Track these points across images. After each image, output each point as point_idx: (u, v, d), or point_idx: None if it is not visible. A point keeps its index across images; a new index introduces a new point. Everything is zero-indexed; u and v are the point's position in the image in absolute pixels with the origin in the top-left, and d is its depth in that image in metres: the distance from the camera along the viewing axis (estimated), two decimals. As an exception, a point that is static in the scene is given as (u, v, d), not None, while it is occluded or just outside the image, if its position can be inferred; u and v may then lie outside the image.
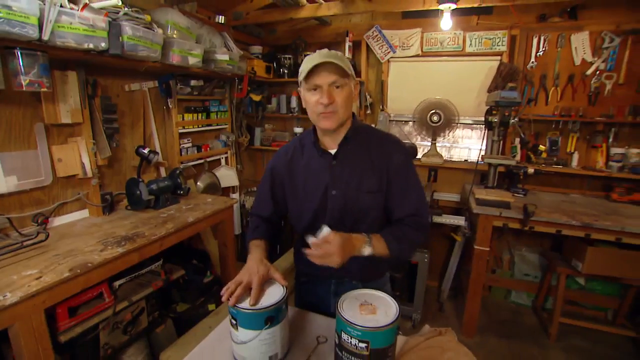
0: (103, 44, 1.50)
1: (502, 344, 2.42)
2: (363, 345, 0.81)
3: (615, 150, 2.50)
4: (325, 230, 0.98)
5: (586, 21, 2.49)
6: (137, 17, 1.66)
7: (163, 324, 1.95)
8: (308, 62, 1.01)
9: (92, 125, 1.82)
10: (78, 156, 1.79)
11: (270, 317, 0.88)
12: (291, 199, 1.20)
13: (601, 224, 2.03)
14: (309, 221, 1.16)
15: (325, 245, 0.94)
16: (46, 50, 1.39)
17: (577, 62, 2.56)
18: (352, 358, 0.83)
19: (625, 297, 2.51)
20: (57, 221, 1.76)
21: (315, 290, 1.26)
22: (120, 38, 1.57)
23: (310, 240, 0.96)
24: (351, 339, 0.82)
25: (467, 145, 3.08)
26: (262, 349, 0.89)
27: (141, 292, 1.73)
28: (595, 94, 2.54)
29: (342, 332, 0.84)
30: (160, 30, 1.86)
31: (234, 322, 0.90)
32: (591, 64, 2.52)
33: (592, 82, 2.54)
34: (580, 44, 2.52)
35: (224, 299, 0.90)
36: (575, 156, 2.65)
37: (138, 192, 1.94)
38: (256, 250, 1.07)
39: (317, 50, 1.05)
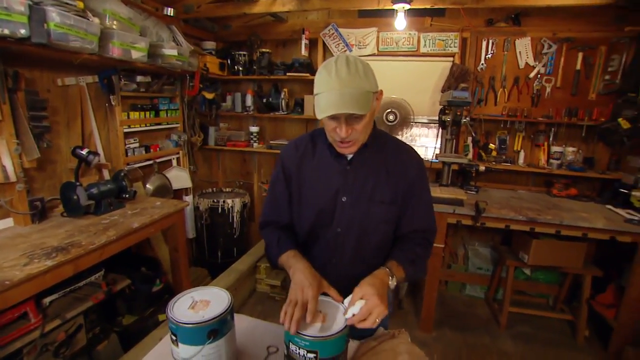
0: (22, 31, 1.33)
1: (457, 337, 2.50)
2: (311, 355, 0.77)
3: (555, 149, 2.69)
4: (354, 304, 0.85)
5: (528, 28, 2.64)
6: (67, 3, 1.50)
7: (106, 339, 1.79)
8: (325, 96, 0.88)
9: (15, 124, 1.61)
10: (-2, 158, 1.58)
11: (214, 330, 0.82)
12: (295, 198, 1.10)
13: (543, 218, 2.15)
14: (311, 226, 1.07)
15: (366, 307, 0.83)
16: (-52, 36, 1.21)
17: (522, 65, 2.71)
18: (301, 369, 0.79)
19: (563, 284, 2.71)
20: (-27, 233, 1.55)
21: None
22: (46, 25, 1.40)
23: (350, 314, 0.83)
24: (299, 349, 0.78)
25: (423, 143, 3.15)
26: (205, 366, 0.83)
27: (78, 308, 1.58)
28: (537, 96, 2.71)
29: (290, 343, 0.80)
30: (96, 20, 1.70)
31: (173, 337, 0.83)
32: (533, 67, 2.68)
33: (534, 84, 2.70)
34: (524, 49, 2.68)
35: (285, 327, 0.79)
36: (522, 154, 2.81)
37: (75, 196, 1.77)
38: (299, 261, 0.96)
39: (335, 72, 0.88)
